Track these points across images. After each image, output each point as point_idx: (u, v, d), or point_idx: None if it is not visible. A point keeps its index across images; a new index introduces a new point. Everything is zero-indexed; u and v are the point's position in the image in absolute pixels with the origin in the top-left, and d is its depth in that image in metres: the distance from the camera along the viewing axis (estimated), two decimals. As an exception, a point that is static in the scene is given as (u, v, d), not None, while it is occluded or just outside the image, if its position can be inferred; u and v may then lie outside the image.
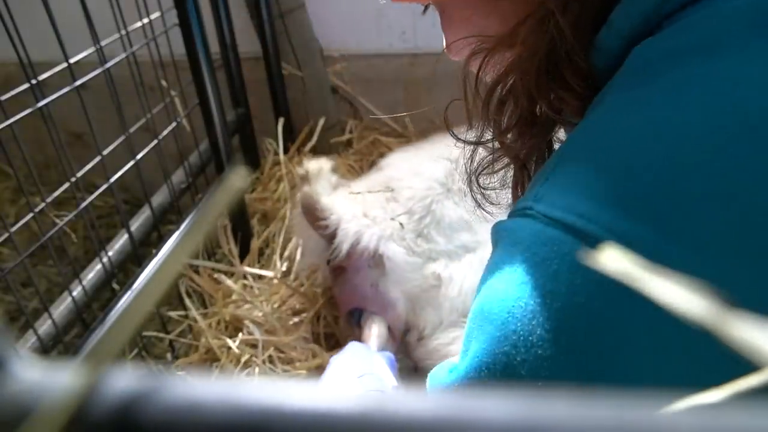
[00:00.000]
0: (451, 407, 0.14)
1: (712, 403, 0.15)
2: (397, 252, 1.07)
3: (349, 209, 1.11)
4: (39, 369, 0.16)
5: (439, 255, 1.09)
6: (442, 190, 1.14)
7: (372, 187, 1.19)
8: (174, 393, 0.15)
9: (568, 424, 0.13)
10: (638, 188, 0.34)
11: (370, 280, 1.09)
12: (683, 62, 0.37)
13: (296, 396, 0.14)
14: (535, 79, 0.47)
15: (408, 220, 1.10)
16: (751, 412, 0.12)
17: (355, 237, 1.07)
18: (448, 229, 1.10)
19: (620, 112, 0.38)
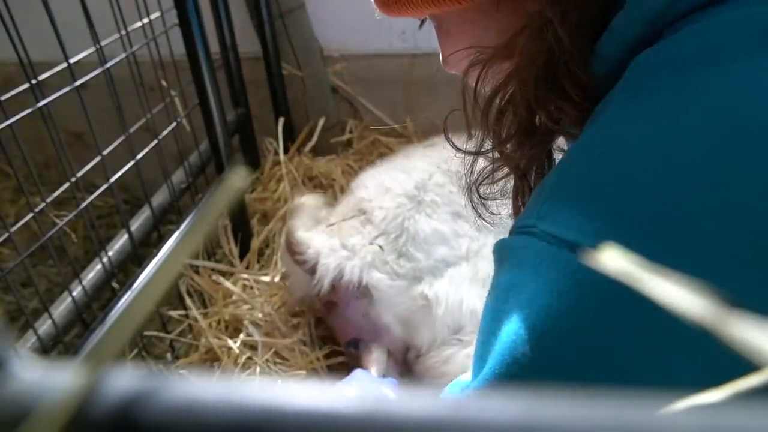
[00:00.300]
0: (451, 408, 0.14)
1: (712, 403, 0.15)
2: (381, 279, 1.07)
3: (327, 242, 1.12)
4: (39, 369, 0.16)
5: (422, 273, 1.09)
6: (412, 205, 1.14)
7: (346, 213, 1.19)
8: (174, 393, 0.15)
9: (569, 424, 0.13)
10: (641, 205, 0.34)
11: (360, 310, 1.09)
12: (683, 74, 0.37)
13: (296, 396, 0.14)
14: (533, 89, 0.47)
15: (385, 241, 1.10)
16: (751, 412, 0.12)
17: (337, 271, 1.07)
18: (425, 243, 1.10)
19: (621, 125, 0.38)
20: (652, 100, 0.37)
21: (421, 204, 1.14)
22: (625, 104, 0.39)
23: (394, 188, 1.16)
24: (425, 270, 1.09)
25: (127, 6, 1.10)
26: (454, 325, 1.06)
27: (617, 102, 0.40)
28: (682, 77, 0.37)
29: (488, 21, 0.50)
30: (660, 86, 0.38)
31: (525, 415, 0.13)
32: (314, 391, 0.14)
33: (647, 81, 0.39)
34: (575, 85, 0.46)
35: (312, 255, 1.10)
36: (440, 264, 1.09)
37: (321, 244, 1.11)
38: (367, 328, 1.10)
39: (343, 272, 1.07)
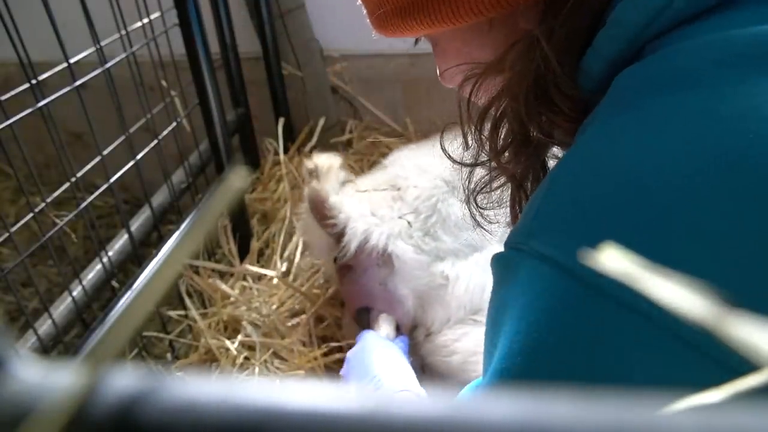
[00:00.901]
0: (452, 408, 0.14)
1: (712, 403, 0.15)
2: (406, 250, 1.07)
3: (357, 208, 1.11)
4: (39, 369, 0.16)
5: (446, 254, 1.09)
6: (447, 189, 1.14)
7: (378, 185, 1.18)
8: (174, 393, 0.15)
9: (569, 424, 0.13)
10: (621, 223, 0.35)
11: (378, 278, 1.09)
12: (661, 93, 0.38)
13: (296, 396, 0.14)
14: (524, 104, 0.49)
15: (415, 219, 1.10)
16: (751, 412, 0.12)
17: (364, 236, 1.07)
18: (455, 227, 1.10)
19: (602, 143, 0.39)
20: (632, 121, 0.38)
21: (457, 189, 1.14)
22: (606, 122, 0.41)
23: (430, 170, 1.17)
24: (449, 251, 1.09)
25: (127, 6, 1.10)
26: (472, 306, 1.06)
27: (599, 119, 0.41)
28: (658, 98, 0.38)
29: (482, 39, 0.52)
30: (640, 106, 0.39)
31: (525, 416, 0.13)
32: (314, 391, 0.14)
33: (629, 99, 0.40)
34: (564, 98, 0.47)
35: (342, 219, 1.09)
36: (466, 248, 1.10)
37: (351, 209, 1.11)
38: (382, 297, 1.09)
39: (370, 237, 1.07)
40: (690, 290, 0.14)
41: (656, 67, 0.40)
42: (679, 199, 0.34)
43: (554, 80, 0.47)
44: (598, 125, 0.41)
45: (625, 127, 0.38)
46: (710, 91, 0.36)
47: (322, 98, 1.68)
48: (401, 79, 1.69)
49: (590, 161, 0.39)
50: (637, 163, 0.36)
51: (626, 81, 0.41)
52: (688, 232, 0.33)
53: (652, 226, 0.34)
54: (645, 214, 0.34)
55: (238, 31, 1.53)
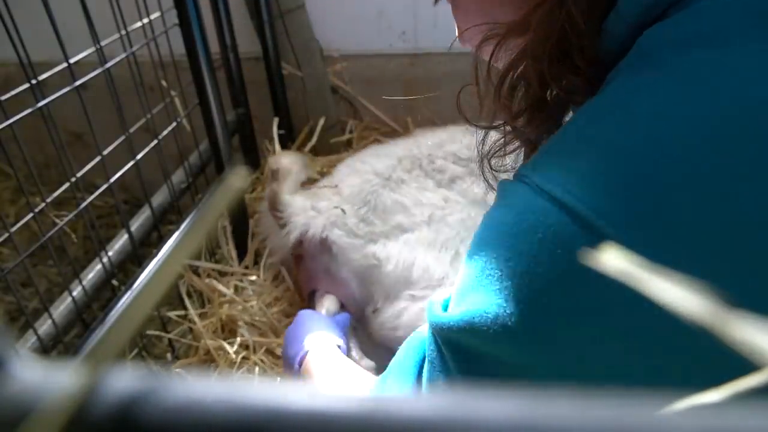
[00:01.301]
0: (451, 407, 0.14)
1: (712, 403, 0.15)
2: (340, 236, 1.20)
3: (301, 204, 1.25)
4: (39, 369, 0.16)
5: (378, 236, 1.20)
6: (378, 181, 1.26)
7: (320, 185, 1.33)
8: (174, 393, 0.15)
9: (568, 424, 0.13)
10: (631, 176, 0.35)
11: (322, 264, 1.22)
12: (688, 51, 0.38)
13: (296, 396, 0.14)
14: (546, 65, 0.48)
15: (350, 209, 1.23)
16: (751, 412, 0.12)
17: (304, 227, 1.21)
18: (383, 212, 1.22)
19: (623, 96, 0.39)
20: (656, 76, 0.38)
21: (389, 180, 1.26)
22: (629, 77, 0.41)
23: (364, 169, 1.29)
24: (380, 234, 1.20)
25: (127, 6, 1.10)
26: (405, 281, 1.15)
27: (623, 74, 0.42)
28: (684, 56, 0.38)
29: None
30: (663, 63, 0.39)
31: (523, 415, 0.13)
32: (314, 391, 0.14)
33: (651, 56, 0.40)
34: (586, 60, 0.47)
35: (288, 214, 1.24)
36: (395, 230, 1.20)
37: (296, 204, 1.25)
38: (327, 280, 1.22)
39: (309, 227, 1.21)
40: (690, 290, 0.14)
41: (681, 26, 0.40)
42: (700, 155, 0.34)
43: (578, 42, 0.47)
44: (620, 80, 0.41)
45: (648, 82, 0.38)
46: (738, 49, 0.36)
47: (322, 98, 1.68)
48: (401, 79, 1.69)
49: (608, 109, 0.39)
50: (658, 114, 0.36)
51: (650, 40, 0.41)
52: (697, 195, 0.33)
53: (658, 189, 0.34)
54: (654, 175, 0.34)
55: (238, 31, 1.53)
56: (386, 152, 1.35)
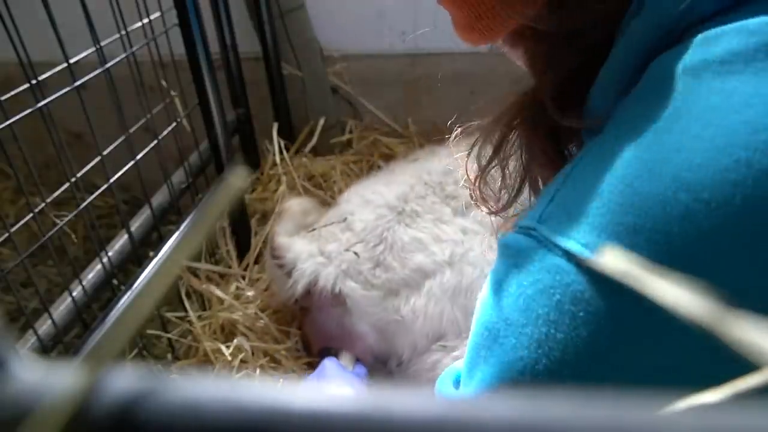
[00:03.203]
0: (451, 407, 0.14)
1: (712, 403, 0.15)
2: (355, 288, 1.08)
3: (305, 248, 1.13)
4: (39, 369, 0.16)
5: (398, 285, 1.09)
6: (392, 215, 1.15)
7: (327, 221, 1.20)
8: (174, 393, 0.15)
9: (568, 424, 0.13)
10: (648, 221, 0.32)
11: (334, 318, 1.10)
12: (699, 82, 0.35)
13: (296, 396, 0.14)
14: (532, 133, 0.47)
15: (363, 248, 1.11)
16: (751, 412, 0.12)
17: (312, 276, 1.09)
18: (402, 251, 1.11)
19: (633, 135, 0.36)
20: (669, 111, 0.35)
21: (402, 214, 1.16)
22: (638, 110, 0.37)
23: (376, 200, 1.18)
24: (401, 282, 1.09)
25: (127, 6, 1.10)
26: (434, 335, 1.06)
27: (632, 110, 0.38)
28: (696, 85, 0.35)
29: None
30: (678, 94, 0.35)
31: (524, 416, 0.13)
32: (314, 391, 0.14)
33: (664, 87, 0.36)
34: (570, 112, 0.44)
35: (290, 259, 1.11)
36: (416, 275, 1.09)
37: (300, 249, 1.13)
38: (341, 335, 1.10)
39: (318, 278, 1.09)
40: (689, 291, 0.14)
41: (693, 53, 0.36)
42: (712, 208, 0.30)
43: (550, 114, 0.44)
44: (628, 113, 0.38)
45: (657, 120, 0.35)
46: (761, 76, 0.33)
47: (322, 98, 1.68)
48: (401, 79, 1.69)
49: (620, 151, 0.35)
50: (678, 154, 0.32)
51: (660, 69, 0.38)
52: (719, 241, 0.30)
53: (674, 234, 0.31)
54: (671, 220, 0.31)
55: (238, 31, 1.53)
56: (396, 180, 1.25)
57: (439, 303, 1.06)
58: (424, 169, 1.26)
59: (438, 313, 1.06)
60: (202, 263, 1.35)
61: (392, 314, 1.07)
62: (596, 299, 0.32)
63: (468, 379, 0.41)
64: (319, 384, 0.91)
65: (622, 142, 0.36)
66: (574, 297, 0.33)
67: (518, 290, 0.37)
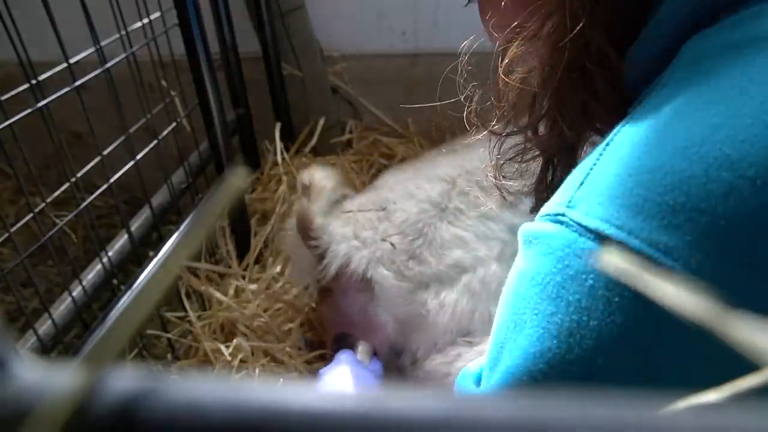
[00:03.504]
0: (451, 407, 0.14)
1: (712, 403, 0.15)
2: (386, 276, 1.05)
3: (341, 230, 1.10)
4: (39, 369, 0.16)
5: (430, 279, 1.06)
6: (435, 212, 1.12)
7: (364, 206, 1.16)
8: (174, 393, 0.15)
9: (569, 424, 0.13)
10: (688, 200, 0.30)
11: (358, 303, 1.07)
12: (742, 59, 0.33)
13: (296, 396, 0.14)
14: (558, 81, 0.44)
15: (401, 240, 1.08)
16: (751, 412, 0.12)
17: (345, 259, 1.06)
18: (440, 248, 1.08)
19: (671, 112, 0.34)
20: (707, 89, 0.33)
21: (445, 212, 1.12)
22: (677, 90, 0.35)
23: (419, 195, 1.15)
24: (432, 277, 1.06)
25: (127, 6, 1.10)
26: (460, 330, 1.03)
27: (669, 88, 0.36)
28: (739, 64, 0.33)
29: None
30: (715, 73, 0.34)
31: (526, 415, 0.13)
32: (314, 391, 0.14)
33: (705, 64, 0.35)
34: (607, 84, 0.43)
35: (325, 241, 1.07)
36: (452, 270, 1.06)
37: (334, 231, 1.09)
38: (361, 323, 1.07)
39: (351, 261, 1.05)
40: (690, 290, 0.14)
41: (735, 30, 0.35)
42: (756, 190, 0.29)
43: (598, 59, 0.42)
44: (666, 93, 0.36)
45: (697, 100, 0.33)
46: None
47: (322, 98, 1.68)
48: (401, 79, 1.69)
49: (656, 134, 0.33)
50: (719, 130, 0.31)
51: (700, 46, 0.36)
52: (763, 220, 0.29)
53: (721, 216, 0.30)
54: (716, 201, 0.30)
55: (238, 31, 1.53)
56: (439, 174, 1.20)
57: (475, 297, 1.03)
58: (463, 160, 1.21)
59: (470, 309, 1.03)
60: (202, 263, 1.35)
61: (418, 307, 1.05)
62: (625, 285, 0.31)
63: (490, 373, 0.39)
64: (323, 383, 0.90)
65: (658, 120, 0.34)
66: (608, 281, 0.32)
67: (546, 278, 0.35)
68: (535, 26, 0.45)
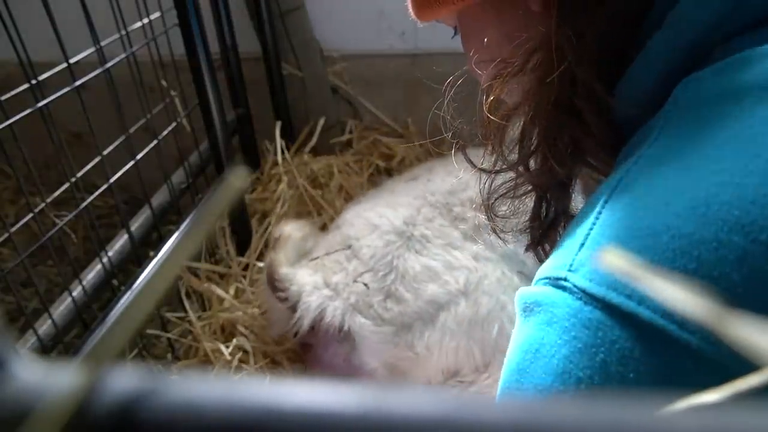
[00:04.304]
0: (451, 407, 0.14)
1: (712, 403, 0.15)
2: (365, 325, 1.00)
3: (310, 279, 1.05)
4: (39, 369, 0.15)
5: (411, 319, 1.01)
6: (401, 242, 1.08)
7: (330, 248, 1.12)
8: (174, 393, 0.15)
9: (569, 424, 0.13)
10: (701, 267, 0.28)
11: (341, 355, 1.03)
12: (742, 109, 0.31)
13: (296, 395, 0.14)
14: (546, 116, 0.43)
15: (372, 278, 1.03)
16: (751, 412, 0.12)
17: (318, 311, 1.01)
18: (414, 281, 1.04)
19: (672, 167, 0.32)
20: (711, 140, 0.31)
21: (411, 240, 1.09)
22: (676, 142, 0.33)
23: (382, 225, 1.11)
24: (414, 315, 1.01)
25: (127, 6, 1.10)
26: (449, 371, 1.00)
27: (667, 137, 0.34)
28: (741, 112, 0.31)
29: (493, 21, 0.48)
30: (720, 121, 0.32)
31: (525, 415, 0.13)
32: (314, 390, 0.14)
33: (703, 113, 0.33)
34: (597, 118, 0.41)
35: (294, 292, 1.03)
36: (430, 307, 1.02)
37: (303, 281, 1.05)
38: (348, 373, 1.03)
39: (325, 313, 1.00)
40: (690, 291, 0.14)
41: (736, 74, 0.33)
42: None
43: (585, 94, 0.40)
44: (665, 143, 0.34)
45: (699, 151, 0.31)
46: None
47: (322, 98, 1.68)
48: (401, 79, 1.69)
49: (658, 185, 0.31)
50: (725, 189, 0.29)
51: (695, 91, 0.34)
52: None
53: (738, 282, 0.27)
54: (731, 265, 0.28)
55: (238, 31, 1.53)
56: (400, 201, 1.16)
57: (455, 337, 0.99)
58: (428, 189, 1.18)
59: (453, 347, 0.99)
60: (202, 263, 1.35)
61: (405, 350, 1.00)
62: (649, 357, 0.28)
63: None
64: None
65: (658, 175, 0.32)
66: (621, 356, 0.29)
67: (551, 350, 0.32)
68: (520, 61, 0.44)
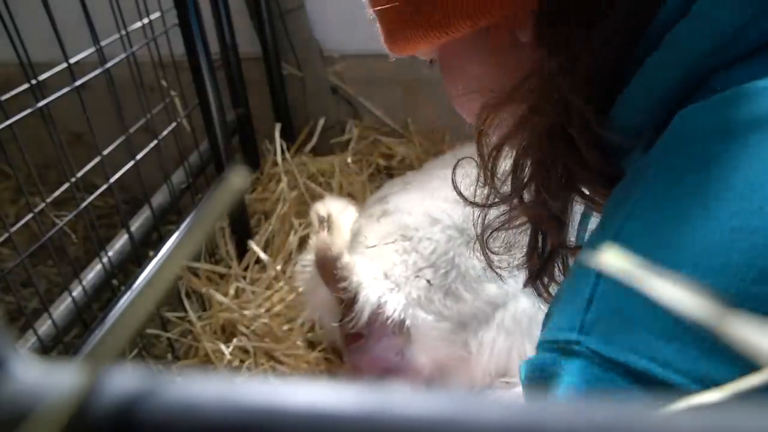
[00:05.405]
0: (452, 407, 0.14)
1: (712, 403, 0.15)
2: (425, 321, 0.97)
3: (369, 270, 0.98)
4: (39, 369, 0.15)
5: (468, 318, 0.99)
6: (462, 239, 1.03)
7: (386, 236, 1.06)
8: (174, 393, 0.15)
9: (570, 424, 0.13)
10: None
11: (394, 348, 0.99)
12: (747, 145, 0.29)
13: (296, 395, 0.14)
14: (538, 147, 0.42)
15: (433, 275, 0.99)
16: (750, 412, 0.12)
17: (377, 304, 0.95)
18: (475, 282, 1.00)
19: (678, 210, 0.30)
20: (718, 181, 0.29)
21: (472, 238, 1.01)
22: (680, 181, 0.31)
23: (443, 219, 1.06)
24: (471, 314, 0.99)
25: (127, 6, 1.10)
26: (498, 370, 0.98)
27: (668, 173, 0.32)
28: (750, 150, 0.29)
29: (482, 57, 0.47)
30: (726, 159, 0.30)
31: (526, 416, 0.13)
32: (314, 390, 0.14)
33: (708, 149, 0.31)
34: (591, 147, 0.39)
35: (354, 283, 0.95)
36: (487, 307, 0.99)
37: (364, 272, 0.97)
38: (399, 368, 0.99)
39: (384, 306, 0.95)
40: (691, 291, 0.14)
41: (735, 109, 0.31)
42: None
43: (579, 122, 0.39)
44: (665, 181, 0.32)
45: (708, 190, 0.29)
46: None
47: (322, 98, 1.68)
48: (401, 79, 1.69)
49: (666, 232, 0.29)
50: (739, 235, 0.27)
51: (695, 123, 0.32)
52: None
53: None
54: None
55: (238, 31, 1.53)
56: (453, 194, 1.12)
57: (510, 336, 0.97)
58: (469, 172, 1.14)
59: (507, 347, 0.96)
60: (202, 263, 1.35)
61: (459, 349, 0.97)
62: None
63: None
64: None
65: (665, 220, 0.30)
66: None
67: None
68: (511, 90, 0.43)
